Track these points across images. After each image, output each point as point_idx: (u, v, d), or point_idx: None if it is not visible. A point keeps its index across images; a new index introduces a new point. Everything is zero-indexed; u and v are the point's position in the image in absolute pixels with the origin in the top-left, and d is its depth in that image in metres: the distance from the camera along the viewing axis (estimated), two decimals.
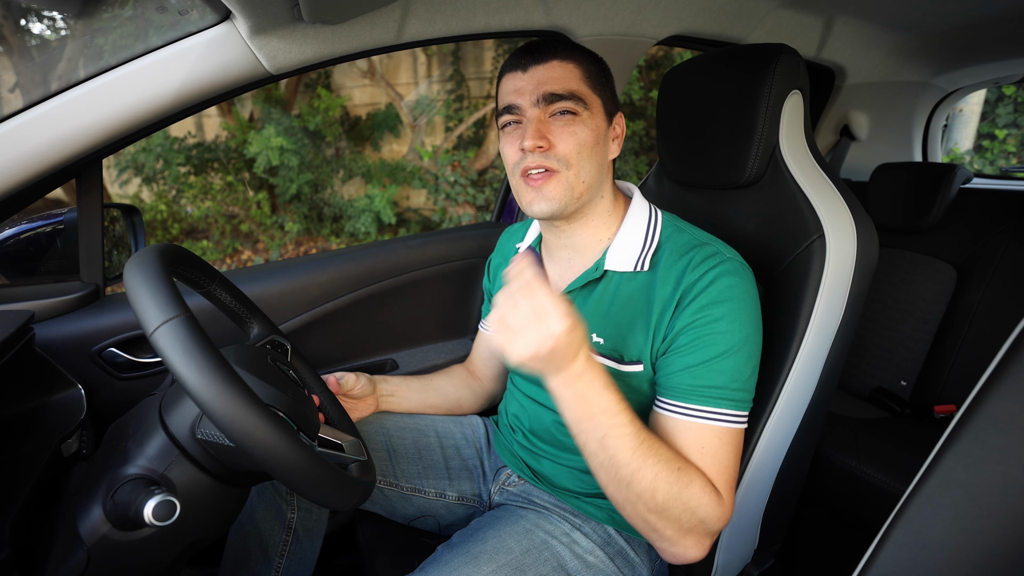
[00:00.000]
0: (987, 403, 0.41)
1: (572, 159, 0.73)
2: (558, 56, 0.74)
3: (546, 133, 0.73)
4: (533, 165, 0.73)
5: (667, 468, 0.63)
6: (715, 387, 0.68)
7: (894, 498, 0.64)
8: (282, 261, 1.24)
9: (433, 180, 4.79)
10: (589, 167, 0.74)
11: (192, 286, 0.75)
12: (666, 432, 0.70)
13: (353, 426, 0.83)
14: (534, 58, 0.74)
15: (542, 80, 0.73)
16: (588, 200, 0.77)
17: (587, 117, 0.74)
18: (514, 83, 0.75)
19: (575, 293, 0.82)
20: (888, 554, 0.43)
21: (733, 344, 0.69)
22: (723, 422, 0.68)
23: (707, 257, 0.72)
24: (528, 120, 0.74)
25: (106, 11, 2.88)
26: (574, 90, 0.73)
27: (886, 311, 1.57)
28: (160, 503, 0.55)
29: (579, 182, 0.74)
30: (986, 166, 4.37)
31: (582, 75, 0.74)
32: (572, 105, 0.73)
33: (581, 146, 0.73)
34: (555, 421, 0.86)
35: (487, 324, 1.06)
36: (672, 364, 0.71)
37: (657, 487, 0.62)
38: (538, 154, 0.73)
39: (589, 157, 0.74)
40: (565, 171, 0.73)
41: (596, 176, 0.76)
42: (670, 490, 0.63)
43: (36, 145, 0.79)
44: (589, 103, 0.74)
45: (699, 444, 0.68)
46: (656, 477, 0.62)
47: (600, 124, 0.76)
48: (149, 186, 4.61)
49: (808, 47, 1.49)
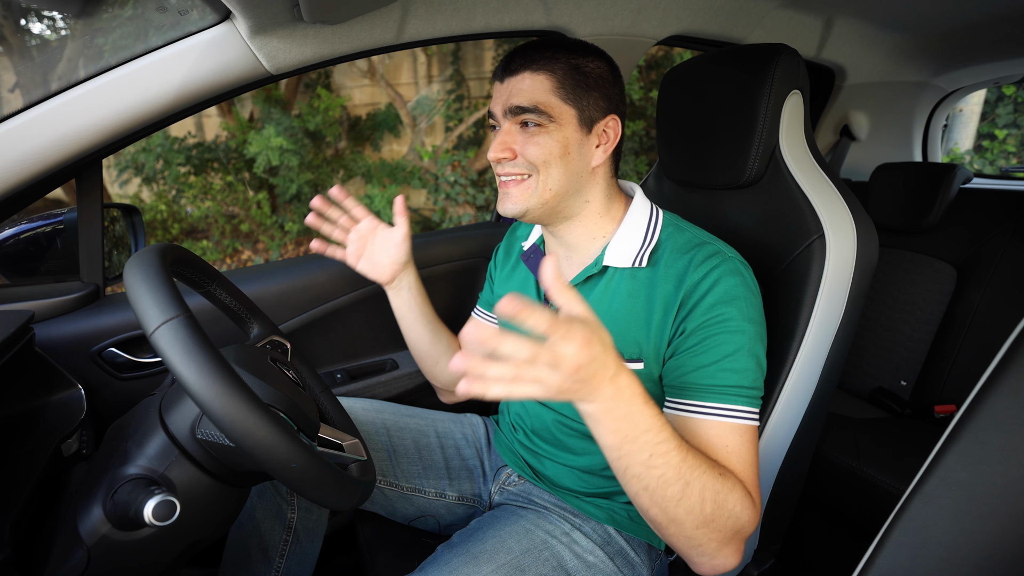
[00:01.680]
0: (987, 403, 0.41)
1: (538, 165, 0.75)
2: (531, 67, 0.74)
3: (511, 144, 0.76)
4: (503, 172, 0.78)
5: (712, 476, 0.60)
6: (731, 385, 0.68)
7: (894, 498, 0.64)
8: (282, 261, 1.24)
9: (433, 180, 4.79)
10: (557, 175, 0.75)
11: (192, 286, 0.75)
12: (687, 432, 0.68)
13: (353, 426, 0.83)
14: (509, 69, 0.76)
15: (512, 92, 0.75)
16: (563, 205, 0.78)
17: (554, 129, 0.74)
18: (495, 91, 0.79)
19: (577, 288, 0.82)
20: (888, 554, 0.43)
21: (743, 342, 0.69)
22: (741, 419, 0.67)
23: (709, 256, 0.72)
24: (500, 130, 0.78)
25: (106, 11, 2.88)
26: (539, 103, 0.73)
27: (886, 311, 1.57)
28: (160, 503, 0.55)
29: (546, 189, 0.76)
30: (986, 166, 4.37)
31: (553, 87, 0.74)
32: (535, 118, 0.74)
33: (547, 155, 0.74)
34: (556, 420, 0.87)
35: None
36: (685, 365, 0.71)
37: (705, 498, 0.59)
38: (504, 162, 0.77)
39: (557, 166, 0.75)
40: (534, 175, 0.76)
41: (567, 184, 0.76)
42: (717, 498, 0.60)
43: (36, 145, 0.79)
44: (557, 115, 0.74)
45: (724, 443, 0.66)
46: (704, 488, 0.59)
47: (571, 135, 0.75)
48: (149, 186, 4.61)
49: (808, 47, 1.49)
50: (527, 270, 0.91)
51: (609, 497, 0.85)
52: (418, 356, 1.06)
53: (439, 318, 1.06)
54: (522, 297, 0.46)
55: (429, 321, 1.03)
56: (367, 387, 1.20)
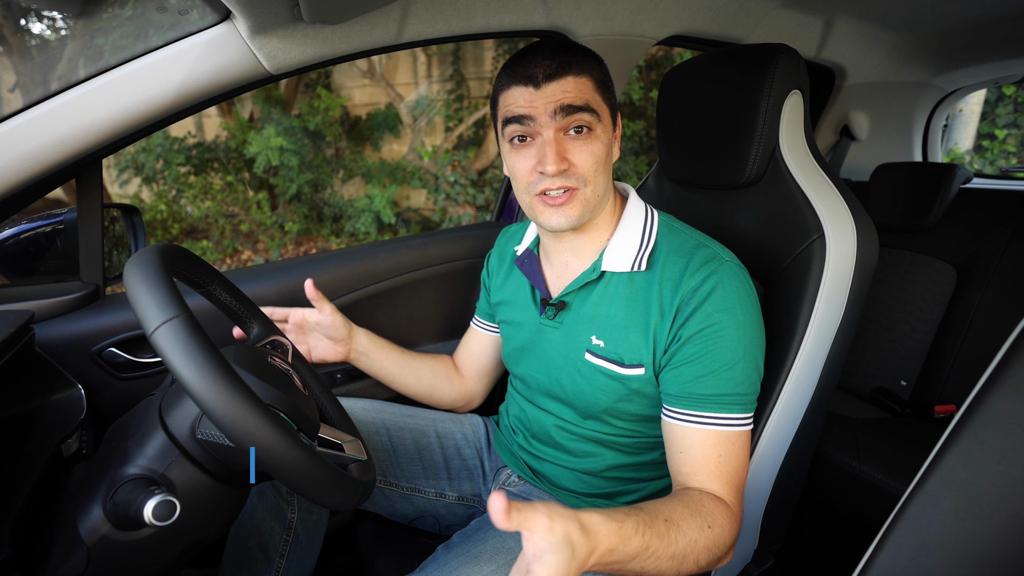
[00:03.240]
0: (987, 403, 0.41)
1: (590, 176, 0.72)
2: (572, 70, 0.71)
3: (565, 153, 0.71)
4: (554, 187, 0.72)
5: (704, 539, 0.63)
6: (727, 395, 0.70)
7: (894, 498, 0.64)
8: (282, 261, 1.24)
9: (433, 180, 4.79)
10: (603, 181, 0.75)
11: (192, 286, 0.75)
12: (683, 441, 0.72)
13: (353, 426, 0.83)
14: (548, 74, 0.70)
15: (557, 94, 0.70)
16: (598, 209, 0.78)
17: (600, 130, 0.73)
18: (525, 96, 0.71)
19: (574, 294, 0.82)
20: (888, 554, 0.43)
21: (740, 351, 0.70)
22: (735, 426, 0.70)
23: (706, 261, 0.72)
24: (546, 140, 0.71)
25: (106, 11, 2.88)
26: (590, 101, 0.71)
27: (886, 311, 1.57)
28: (160, 503, 0.55)
29: (594, 196, 0.74)
30: (986, 166, 4.37)
31: (594, 85, 0.73)
32: (588, 118, 0.71)
33: (598, 163, 0.73)
34: (556, 425, 0.87)
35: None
36: (683, 375, 0.71)
37: (700, 558, 0.63)
38: (556, 177, 0.71)
39: (604, 171, 0.74)
40: (583, 188, 0.73)
41: (607, 186, 0.77)
42: (712, 551, 0.64)
43: (36, 145, 0.79)
44: (602, 114, 0.73)
45: (718, 452, 0.70)
46: (699, 554, 0.62)
47: (610, 133, 0.76)
48: (149, 186, 4.61)
49: (808, 47, 1.49)
50: (521, 275, 0.91)
51: (610, 498, 0.85)
52: (413, 395, 1.05)
53: (409, 353, 1.04)
54: None
55: (404, 365, 1.02)
56: (367, 387, 1.20)
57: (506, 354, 0.96)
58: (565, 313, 0.83)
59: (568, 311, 0.83)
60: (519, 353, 0.91)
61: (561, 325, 0.83)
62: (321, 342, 0.96)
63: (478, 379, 1.09)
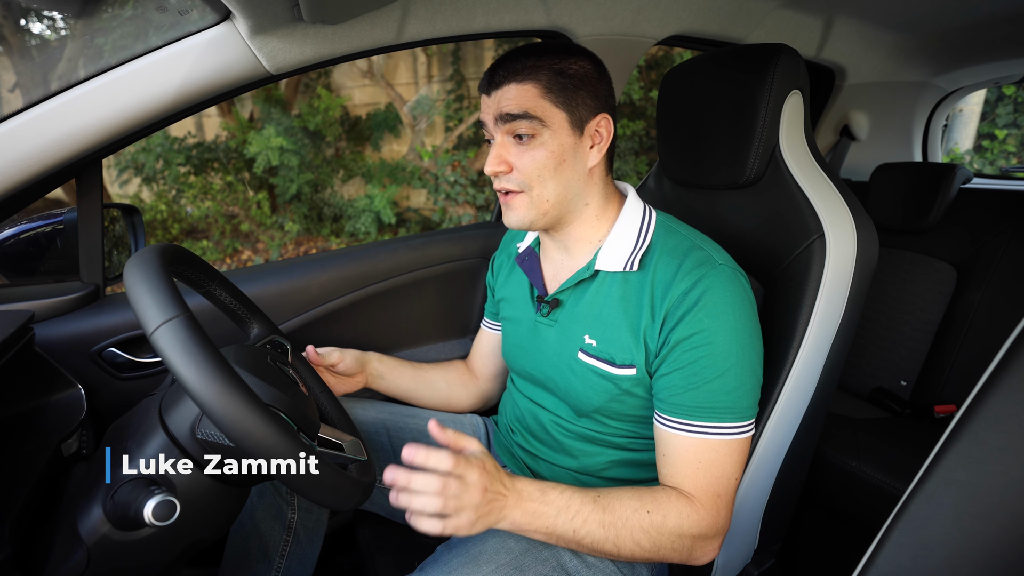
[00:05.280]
0: (987, 403, 0.41)
1: (532, 181, 0.75)
2: (516, 78, 0.73)
3: (506, 156, 0.75)
4: (498, 186, 0.78)
5: (639, 520, 0.68)
6: (718, 406, 0.70)
7: (894, 498, 0.64)
8: (282, 261, 1.24)
9: (433, 180, 4.79)
10: (553, 186, 0.75)
11: (192, 286, 0.75)
12: (667, 446, 0.73)
13: (353, 426, 0.83)
14: (494, 82, 0.75)
15: (501, 101, 0.74)
16: (565, 211, 0.78)
17: (548, 137, 0.73)
18: (483, 103, 0.78)
19: (568, 292, 0.82)
20: (888, 554, 0.43)
21: (732, 358, 0.69)
22: (725, 435, 0.70)
23: (697, 264, 0.72)
24: (494, 143, 0.76)
25: (106, 11, 2.88)
26: (529, 108, 0.72)
27: (886, 311, 1.57)
28: (160, 503, 0.55)
29: (543, 200, 0.76)
30: (986, 166, 4.37)
31: (540, 92, 0.72)
32: (527, 126, 0.72)
33: (541, 168, 0.74)
34: (553, 422, 0.87)
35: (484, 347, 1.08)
36: (674, 384, 0.71)
37: (639, 540, 0.68)
38: (500, 177, 0.76)
39: (552, 177, 0.74)
40: (528, 192, 0.76)
41: (564, 191, 0.76)
42: (651, 534, 0.68)
43: (36, 145, 0.79)
44: (549, 120, 0.73)
45: (696, 459, 0.71)
46: (633, 531, 0.68)
47: (564, 140, 0.74)
48: (149, 186, 4.61)
49: (808, 47, 1.49)
50: (523, 273, 0.91)
51: None
52: (432, 407, 1.08)
53: (421, 367, 1.07)
54: (420, 446, 0.62)
55: (419, 380, 1.06)
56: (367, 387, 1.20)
57: (506, 350, 0.96)
58: (559, 311, 0.83)
59: (562, 309, 0.83)
60: (517, 349, 0.91)
61: (556, 323, 0.83)
62: (340, 380, 0.99)
63: (493, 380, 1.10)
